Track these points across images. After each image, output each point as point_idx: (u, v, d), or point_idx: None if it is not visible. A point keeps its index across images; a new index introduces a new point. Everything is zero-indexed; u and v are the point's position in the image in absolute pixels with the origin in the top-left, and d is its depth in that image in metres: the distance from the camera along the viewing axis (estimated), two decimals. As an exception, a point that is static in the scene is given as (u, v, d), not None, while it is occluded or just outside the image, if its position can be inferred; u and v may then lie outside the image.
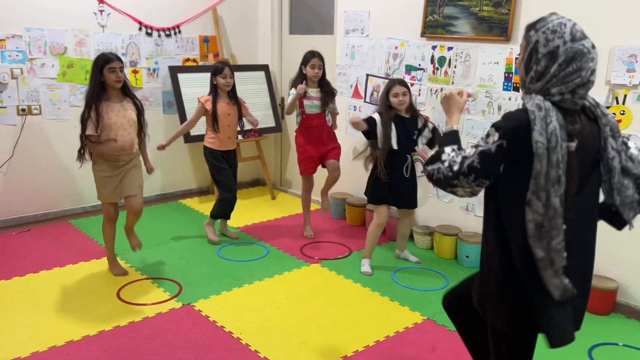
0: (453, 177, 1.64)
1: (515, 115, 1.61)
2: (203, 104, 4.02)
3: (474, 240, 3.94)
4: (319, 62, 4.09)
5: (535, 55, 1.60)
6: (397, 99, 3.59)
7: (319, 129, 4.22)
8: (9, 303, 3.26)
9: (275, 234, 4.54)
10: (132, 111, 3.42)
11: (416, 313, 3.28)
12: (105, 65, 3.26)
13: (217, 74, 3.99)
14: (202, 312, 3.21)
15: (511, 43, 3.69)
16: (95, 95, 3.26)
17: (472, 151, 1.63)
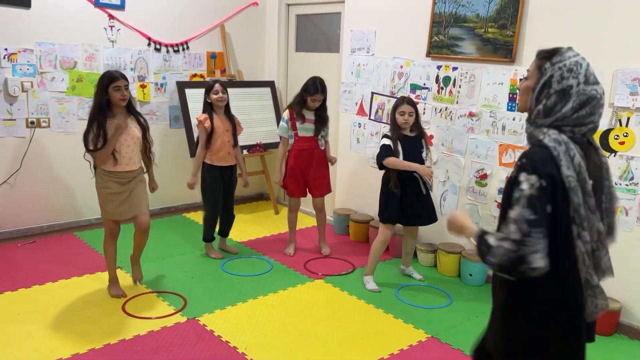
0: (521, 245, 1.47)
1: (537, 153, 1.56)
2: (202, 122, 4.03)
3: (477, 259, 3.96)
4: (320, 97, 4.09)
5: (547, 90, 1.60)
6: (403, 117, 3.64)
7: (309, 152, 4.23)
8: (15, 315, 3.28)
9: (279, 248, 4.56)
10: (135, 129, 3.42)
11: (420, 331, 3.29)
12: (111, 83, 3.27)
13: (209, 91, 4.01)
14: (207, 327, 3.23)
15: (515, 64, 3.75)
16: (100, 113, 3.26)
17: (517, 209, 1.50)
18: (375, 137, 4.79)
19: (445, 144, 4.22)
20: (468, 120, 4.07)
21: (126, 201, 3.43)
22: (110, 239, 3.54)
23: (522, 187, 1.51)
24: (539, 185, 1.50)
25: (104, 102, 3.28)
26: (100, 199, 3.44)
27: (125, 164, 3.38)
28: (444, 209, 4.30)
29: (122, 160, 3.36)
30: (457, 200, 4.21)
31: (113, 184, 3.37)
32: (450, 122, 4.18)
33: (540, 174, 1.51)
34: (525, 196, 1.51)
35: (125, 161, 3.37)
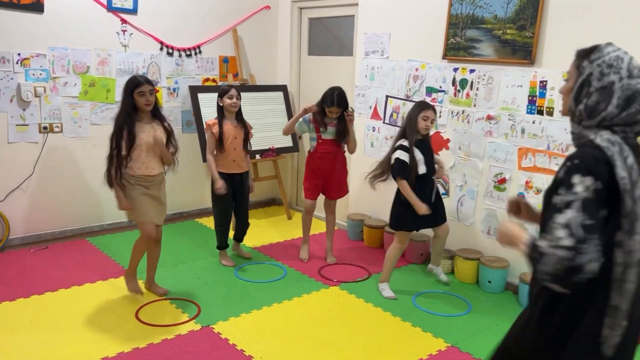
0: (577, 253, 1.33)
1: (590, 154, 1.46)
2: (210, 127, 3.98)
3: (496, 265, 3.87)
4: (337, 110, 4.00)
5: (587, 89, 1.52)
6: (426, 123, 3.56)
7: (332, 155, 4.17)
8: (27, 322, 3.24)
9: (292, 254, 4.49)
10: (161, 133, 3.41)
11: (439, 340, 3.21)
12: (135, 88, 3.27)
13: (224, 95, 3.94)
14: (222, 335, 3.17)
15: (535, 66, 3.67)
16: (127, 119, 3.27)
17: (570, 213, 1.38)
18: (389, 141, 4.71)
19: (463, 147, 4.14)
20: (486, 123, 3.99)
21: (155, 204, 3.43)
22: (143, 242, 3.49)
23: (575, 190, 1.40)
24: (595, 188, 1.40)
25: (130, 107, 3.28)
26: (135, 202, 3.37)
27: (145, 168, 3.36)
28: (461, 214, 4.21)
29: (149, 163, 3.35)
30: (475, 205, 4.13)
31: (139, 186, 3.37)
32: (468, 125, 4.10)
33: (596, 175, 1.40)
34: (580, 199, 1.39)
35: (145, 165, 3.35)
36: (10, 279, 3.82)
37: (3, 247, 4.34)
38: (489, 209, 4.04)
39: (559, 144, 3.60)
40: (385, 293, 3.75)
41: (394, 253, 3.75)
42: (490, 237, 4.06)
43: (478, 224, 4.13)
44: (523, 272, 3.77)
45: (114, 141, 3.29)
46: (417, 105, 3.67)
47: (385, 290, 3.77)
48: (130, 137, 3.27)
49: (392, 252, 3.75)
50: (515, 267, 3.89)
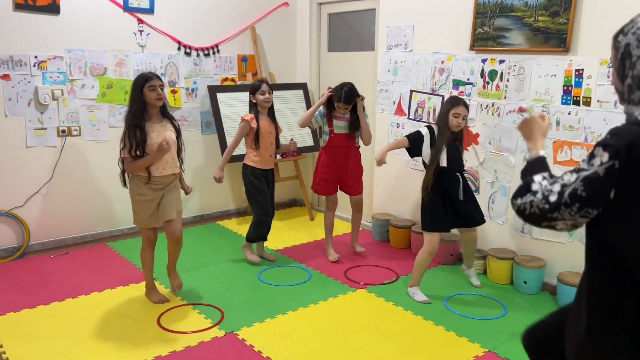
0: (551, 209, 1.37)
1: (627, 130, 1.36)
2: (248, 121, 3.90)
3: (532, 265, 3.67)
4: (344, 107, 3.91)
5: (629, 60, 1.40)
6: (457, 120, 3.39)
7: (345, 149, 4.07)
8: (48, 330, 3.15)
9: (316, 256, 4.35)
10: (171, 131, 3.31)
11: (475, 344, 3.03)
12: (146, 83, 3.17)
13: (256, 91, 3.91)
14: (246, 341, 3.04)
15: (570, 54, 3.47)
16: (138, 116, 3.16)
17: (573, 177, 1.37)
18: (415, 138, 4.54)
19: (493, 142, 3.95)
20: (518, 116, 3.80)
21: (158, 209, 3.30)
22: (148, 246, 3.42)
23: (592, 162, 1.36)
24: (609, 166, 1.33)
25: (141, 104, 3.16)
26: (135, 205, 3.31)
27: (162, 169, 3.25)
28: (493, 212, 4.02)
29: (159, 164, 3.23)
30: (507, 202, 3.94)
31: (149, 190, 3.25)
32: (498, 118, 3.91)
33: (615, 154, 1.33)
34: (588, 171, 1.36)
35: (162, 165, 3.25)
36: (31, 285, 3.75)
37: (23, 253, 4.29)
38: (523, 205, 3.84)
39: (598, 135, 3.40)
40: (417, 297, 3.57)
41: (424, 257, 3.55)
42: (524, 235, 3.87)
43: (511, 222, 3.94)
44: (561, 272, 3.57)
45: (126, 141, 3.15)
46: (448, 101, 3.51)
47: (417, 295, 3.58)
48: (142, 136, 3.14)
49: (423, 257, 3.55)
50: (553, 267, 3.70)
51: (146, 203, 3.26)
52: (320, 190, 4.19)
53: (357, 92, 3.93)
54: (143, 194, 3.25)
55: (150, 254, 3.46)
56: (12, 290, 3.67)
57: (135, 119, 3.16)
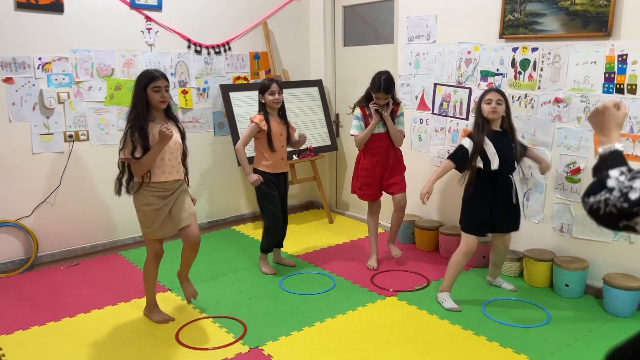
0: (631, 207, 1.20)
1: None
2: (258, 123, 3.67)
3: (574, 267, 3.42)
4: (384, 96, 3.64)
5: None
6: (490, 106, 3.14)
7: (385, 150, 3.80)
8: (59, 349, 2.93)
9: (339, 261, 4.12)
10: (176, 133, 3.05)
11: (522, 356, 2.78)
12: (150, 83, 2.91)
13: (265, 91, 3.67)
14: (273, 358, 2.81)
15: (612, 39, 3.22)
16: (141, 116, 2.90)
17: None
18: (439, 134, 4.31)
19: (527, 136, 3.70)
20: (554, 107, 3.55)
21: (168, 216, 3.04)
22: (154, 260, 3.16)
23: None
24: None
25: (144, 105, 2.91)
26: (141, 217, 3.05)
27: (169, 173, 3.01)
28: (528, 211, 3.77)
29: (166, 168, 2.99)
30: (544, 199, 3.69)
31: (155, 198, 2.99)
32: (532, 110, 3.66)
33: None
34: None
35: (169, 169, 3.01)
36: (40, 300, 3.54)
37: (32, 265, 4.08)
38: (561, 203, 3.59)
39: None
40: (446, 304, 3.32)
41: (459, 259, 3.30)
42: (563, 234, 3.61)
43: (548, 221, 3.68)
44: (607, 274, 3.31)
45: (127, 141, 2.90)
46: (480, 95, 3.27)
47: (446, 301, 3.33)
48: (144, 137, 2.89)
49: (459, 258, 3.30)
50: (596, 268, 3.44)
51: (153, 213, 3.00)
52: (363, 196, 3.94)
53: (394, 82, 3.69)
54: (149, 203, 2.99)
55: (155, 269, 3.19)
56: (21, 305, 3.46)
57: (138, 119, 2.91)
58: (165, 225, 3.04)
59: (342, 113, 5.32)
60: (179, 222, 3.06)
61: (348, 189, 5.40)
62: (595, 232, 3.44)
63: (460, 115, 4.13)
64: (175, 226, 3.07)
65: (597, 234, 3.43)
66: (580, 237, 3.53)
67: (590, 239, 3.47)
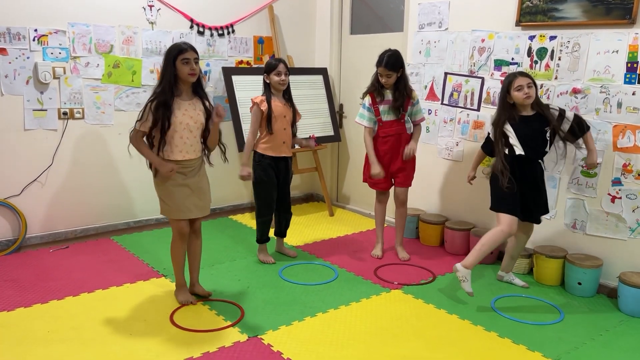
0: None
1: None
2: (258, 104, 3.51)
3: (588, 264, 3.28)
4: (387, 72, 3.53)
5: None
6: (522, 92, 3.02)
7: (395, 137, 3.67)
8: (45, 332, 2.75)
9: (340, 253, 3.96)
10: (201, 112, 2.91)
11: (536, 354, 2.64)
12: (179, 55, 2.78)
13: (271, 71, 3.51)
14: (273, 347, 2.64)
15: (637, 27, 3.09)
16: (168, 90, 2.78)
17: None
18: (449, 125, 4.16)
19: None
20: (571, 98, 3.42)
21: (192, 196, 2.93)
22: (180, 239, 3.00)
23: None
24: None
25: (172, 78, 2.79)
26: (161, 192, 2.92)
27: (186, 152, 2.87)
28: (540, 206, 3.63)
29: (184, 147, 2.86)
30: (557, 194, 3.55)
31: (176, 174, 2.87)
32: (548, 101, 3.52)
33: None
34: None
35: (186, 148, 2.87)
36: (27, 282, 3.35)
37: (19, 246, 3.89)
38: (576, 198, 3.46)
39: (668, 118, 3.02)
40: (465, 285, 3.07)
41: (495, 237, 3.08)
42: (576, 231, 3.47)
43: (561, 217, 3.55)
44: (623, 272, 3.18)
45: (146, 114, 2.79)
46: (505, 78, 3.13)
47: (466, 282, 3.07)
48: (165, 114, 2.76)
49: (495, 237, 3.08)
50: (610, 266, 3.31)
51: (175, 188, 2.88)
52: (374, 185, 3.80)
53: (402, 61, 3.57)
54: (170, 178, 2.87)
55: (182, 249, 3.04)
56: (6, 287, 3.28)
57: (163, 94, 2.78)
58: (187, 203, 2.92)
59: (347, 103, 5.17)
60: (204, 209, 3.01)
61: (350, 182, 5.26)
62: (611, 230, 3.30)
63: (472, 105, 3.99)
64: (201, 211, 2.99)
65: (613, 231, 3.30)
66: (595, 234, 3.39)
67: (605, 236, 3.34)
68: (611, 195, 3.29)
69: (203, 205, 3.00)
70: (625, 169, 3.22)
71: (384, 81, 3.57)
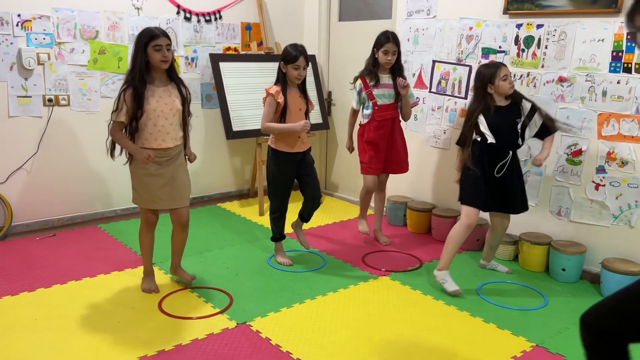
0: None
1: None
2: (274, 95, 3.20)
3: (572, 251, 3.33)
4: (394, 48, 3.51)
5: None
6: (508, 81, 3.04)
7: (390, 122, 3.68)
8: (32, 320, 2.75)
9: (328, 241, 3.99)
10: (176, 98, 2.86)
11: (520, 338, 2.69)
12: (150, 41, 2.72)
13: (289, 62, 3.21)
14: (262, 334, 2.66)
15: (622, 15, 3.11)
16: (139, 78, 2.72)
17: None
18: (436, 113, 4.18)
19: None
20: (557, 86, 3.45)
21: (165, 187, 2.88)
22: (147, 228, 3.01)
23: None
24: None
25: (143, 65, 2.72)
26: (134, 181, 2.90)
27: (162, 140, 2.83)
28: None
29: (159, 135, 2.81)
30: (542, 182, 3.59)
31: (151, 163, 2.82)
32: (534, 89, 3.55)
33: None
34: None
35: (162, 136, 2.82)
36: (13, 270, 3.34)
37: (5, 235, 3.86)
38: (561, 186, 3.50)
39: (652, 106, 3.06)
40: (448, 286, 3.13)
41: (458, 233, 3.14)
42: (561, 218, 3.52)
43: (546, 204, 3.59)
44: (606, 258, 3.23)
45: (120, 103, 2.75)
46: (485, 68, 3.12)
47: (447, 282, 3.14)
48: (137, 101, 2.72)
49: (457, 232, 3.14)
50: (593, 253, 3.36)
51: (147, 178, 2.85)
52: (369, 170, 3.73)
53: None
54: (144, 168, 2.84)
55: (150, 237, 3.05)
56: (-8, 275, 3.27)
57: (134, 81, 2.74)
58: (159, 195, 2.87)
59: (335, 91, 5.17)
60: (177, 200, 2.92)
61: (338, 170, 5.27)
62: (595, 217, 3.36)
63: (459, 93, 4.01)
64: (173, 203, 2.92)
65: (597, 218, 3.35)
66: (578, 222, 3.44)
67: (589, 223, 3.39)
68: (595, 182, 3.34)
69: (177, 195, 2.92)
70: (609, 157, 3.26)
71: (388, 59, 3.52)
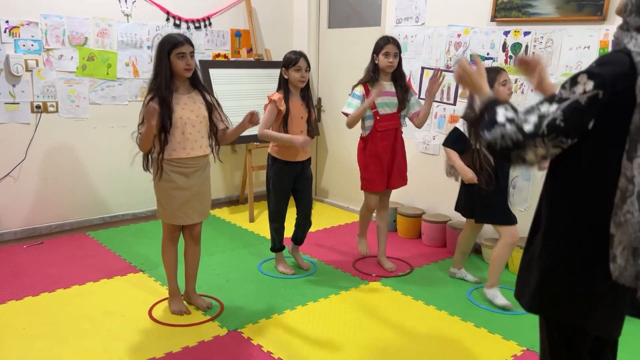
0: (525, 139, 1.31)
1: (615, 59, 1.32)
2: (276, 102, 3.14)
3: (560, 255, 3.36)
4: (395, 49, 3.27)
5: None
6: (507, 87, 3.04)
7: (393, 132, 3.40)
8: (20, 329, 2.71)
9: (319, 247, 3.99)
10: (202, 105, 2.75)
11: (511, 342, 2.70)
12: (174, 49, 2.60)
13: (290, 66, 3.16)
14: (253, 341, 2.65)
15: (607, 23, 3.17)
16: (163, 87, 2.60)
17: (553, 107, 1.30)
18: (426, 119, 4.20)
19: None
20: (544, 93, 3.49)
21: (191, 201, 2.76)
22: (171, 243, 2.88)
23: (574, 89, 1.30)
24: (592, 95, 1.28)
25: (168, 73, 2.61)
26: (159, 195, 2.76)
27: (191, 148, 2.71)
28: (513, 199, 3.70)
29: (187, 143, 2.69)
30: (530, 187, 3.63)
31: (176, 175, 2.70)
32: (522, 96, 3.60)
33: (601, 84, 1.28)
34: (570, 101, 1.30)
35: (190, 144, 2.70)
36: (0, 278, 3.29)
37: (-8, 242, 3.82)
38: (549, 190, 3.54)
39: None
40: (499, 301, 3.07)
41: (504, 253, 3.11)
42: (550, 223, 3.55)
43: (533, 210, 3.61)
44: (594, 262, 3.26)
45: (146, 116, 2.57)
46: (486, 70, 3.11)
47: (498, 297, 3.08)
48: (166, 112, 2.60)
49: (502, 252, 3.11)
50: (582, 257, 3.39)
51: (174, 192, 2.72)
52: (372, 187, 3.43)
53: None
54: (170, 180, 2.70)
55: (174, 253, 2.90)
56: (-21, 283, 3.22)
57: (159, 91, 2.61)
58: (184, 210, 2.76)
59: (325, 97, 5.18)
60: (201, 214, 2.84)
61: (328, 176, 5.28)
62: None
63: (448, 100, 4.04)
64: (197, 217, 2.83)
65: (584, 222, 3.38)
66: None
67: (577, 228, 3.42)
68: (583, 187, 3.37)
69: (202, 209, 2.85)
70: (596, 162, 3.30)
71: (390, 61, 3.26)
